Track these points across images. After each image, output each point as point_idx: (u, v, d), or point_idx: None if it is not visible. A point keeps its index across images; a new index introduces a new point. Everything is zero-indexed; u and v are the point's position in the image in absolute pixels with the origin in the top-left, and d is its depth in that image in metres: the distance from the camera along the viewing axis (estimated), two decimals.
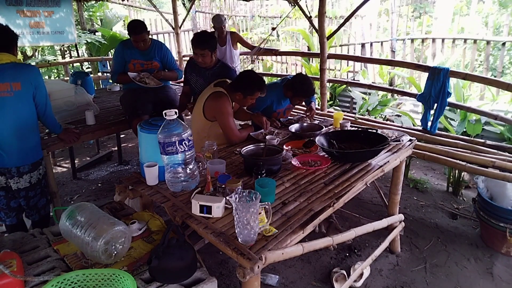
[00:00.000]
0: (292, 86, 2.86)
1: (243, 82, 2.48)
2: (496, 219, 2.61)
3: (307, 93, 2.87)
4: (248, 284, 1.36)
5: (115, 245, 1.38)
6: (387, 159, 2.15)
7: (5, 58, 2.14)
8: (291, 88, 2.86)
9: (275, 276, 2.42)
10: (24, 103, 2.18)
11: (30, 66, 2.30)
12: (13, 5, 4.72)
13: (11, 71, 2.12)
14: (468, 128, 3.79)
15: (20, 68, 2.18)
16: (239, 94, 2.46)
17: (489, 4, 8.59)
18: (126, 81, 3.35)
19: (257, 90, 2.46)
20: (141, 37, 3.18)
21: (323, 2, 3.74)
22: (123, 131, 4.99)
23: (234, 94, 2.48)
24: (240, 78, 2.51)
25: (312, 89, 2.89)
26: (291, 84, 2.87)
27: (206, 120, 2.49)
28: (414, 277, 2.47)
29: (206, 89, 2.59)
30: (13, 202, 2.38)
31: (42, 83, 2.27)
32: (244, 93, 2.45)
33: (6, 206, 2.38)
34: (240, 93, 2.45)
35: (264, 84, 2.51)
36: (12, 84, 2.11)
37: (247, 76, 2.52)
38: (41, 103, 2.27)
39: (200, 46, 2.77)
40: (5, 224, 2.46)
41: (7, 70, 2.11)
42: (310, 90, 2.87)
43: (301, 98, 2.90)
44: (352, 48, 7.17)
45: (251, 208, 1.32)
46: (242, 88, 2.45)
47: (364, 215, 3.08)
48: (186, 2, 6.87)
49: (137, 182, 1.89)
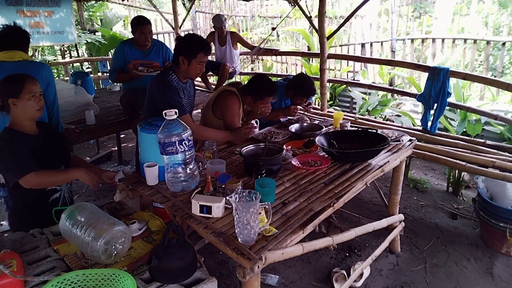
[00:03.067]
0: (293, 85, 2.87)
1: (253, 86, 2.48)
2: (496, 219, 2.61)
3: (307, 92, 2.88)
4: (248, 284, 1.36)
5: (115, 245, 1.38)
6: (387, 159, 2.15)
7: (18, 56, 2.21)
8: (292, 87, 2.88)
9: (275, 276, 2.42)
10: None
11: (42, 64, 2.37)
12: (13, 5, 4.73)
13: (23, 69, 2.14)
14: (468, 128, 3.79)
15: (32, 66, 2.24)
16: (249, 98, 2.48)
17: (489, 4, 8.59)
18: (124, 80, 3.35)
19: (267, 95, 2.45)
20: (147, 27, 3.19)
21: (323, 2, 3.74)
22: (123, 131, 4.98)
23: (245, 97, 2.50)
24: (251, 82, 2.52)
25: (313, 88, 2.90)
26: (292, 84, 2.88)
27: (214, 117, 2.50)
28: (414, 277, 2.47)
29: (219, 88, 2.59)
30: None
31: (53, 80, 2.30)
32: (254, 97, 2.46)
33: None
34: (250, 97, 2.47)
35: (274, 89, 2.47)
36: None
37: (257, 81, 2.51)
38: (50, 100, 2.29)
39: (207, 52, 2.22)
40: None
41: (19, 67, 2.14)
42: (310, 89, 2.88)
43: (302, 97, 2.90)
44: (352, 48, 7.17)
45: (251, 208, 1.32)
46: (251, 92, 2.46)
47: (364, 215, 3.07)
48: (186, 2, 6.87)
49: (137, 182, 1.89)
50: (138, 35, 3.20)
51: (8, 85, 1.73)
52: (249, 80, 2.55)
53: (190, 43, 2.19)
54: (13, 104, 1.72)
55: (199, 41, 2.19)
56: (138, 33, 3.19)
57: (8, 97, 1.71)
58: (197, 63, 2.20)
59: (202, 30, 9.48)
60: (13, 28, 2.34)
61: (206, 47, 2.18)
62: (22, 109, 1.73)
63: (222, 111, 2.45)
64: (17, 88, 1.71)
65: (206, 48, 2.18)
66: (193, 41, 2.19)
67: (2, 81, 1.74)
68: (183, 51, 2.18)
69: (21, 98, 1.72)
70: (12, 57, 2.21)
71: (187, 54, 2.17)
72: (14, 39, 2.28)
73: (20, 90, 1.71)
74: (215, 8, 10.20)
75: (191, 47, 2.17)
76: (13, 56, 2.20)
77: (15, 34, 2.30)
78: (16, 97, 1.71)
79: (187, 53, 2.17)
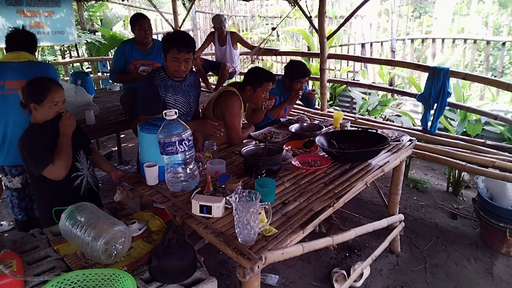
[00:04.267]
0: (287, 72, 2.96)
1: (250, 75, 2.50)
2: (496, 219, 2.61)
3: (302, 73, 2.92)
4: (248, 284, 1.36)
5: (115, 245, 1.38)
6: (387, 159, 2.15)
7: (22, 57, 2.26)
8: (287, 75, 2.95)
9: (275, 276, 2.42)
10: None
11: (46, 64, 2.44)
12: (13, 5, 4.73)
13: (27, 69, 2.21)
14: (468, 128, 3.79)
15: (37, 66, 2.29)
16: (249, 88, 2.47)
17: (489, 4, 8.59)
18: (125, 81, 3.34)
19: (265, 80, 2.46)
20: (145, 22, 3.18)
21: (323, 2, 3.74)
22: (123, 131, 4.99)
23: (244, 91, 2.50)
24: (248, 73, 2.54)
25: (306, 68, 2.96)
26: (285, 72, 2.98)
27: (214, 117, 2.50)
28: (414, 277, 2.47)
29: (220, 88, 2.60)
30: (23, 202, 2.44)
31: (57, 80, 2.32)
32: (253, 86, 2.46)
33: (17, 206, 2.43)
34: (250, 87, 2.47)
35: (272, 75, 2.52)
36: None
37: (253, 70, 2.55)
38: None
39: (187, 49, 2.08)
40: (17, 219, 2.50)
41: (24, 68, 2.21)
42: (304, 69, 2.94)
43: (299, 79, 2.93)
44: (352, 48, 7.17)
45: (251, 208, 1.32)
46: (250, 81, 2.47)
47: (364, 215, 3.08)
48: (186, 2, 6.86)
49: (137, 182, 1.89)
50: (137, 30, 3.19)
51: (32, 90, 1.78)
52: (246, 73, 2.56)
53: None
54: (34, 109, 1.77)
55: (173, 36, 2.11)
56: (137, 28, 3.18)
57: (31, 102, 1.75)
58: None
59: (202, 30, 9.48)
60: (20, 31, 2.42)
61: (178, 43, 2.06)
62: (42, 114, 1.79)
63: (223, 112, 2.44)
64: (40, 96, 1.76)
65: (180, 44, 2.07)
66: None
67: (29, 83, 1.79)
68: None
69: (42, 106, 1.77)
70: (17, 58, 2.26)
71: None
72: (21, 41, 2.35)
73: (43, 98, 1.76)
74: (215, 8, 10.20)
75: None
76: (18, 57, 2.25)
77: (22, 37, 2.38)
78: (38, 103, 1.75)
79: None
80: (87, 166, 2.02)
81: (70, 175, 1.89)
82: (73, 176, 1.91)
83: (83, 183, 1.98)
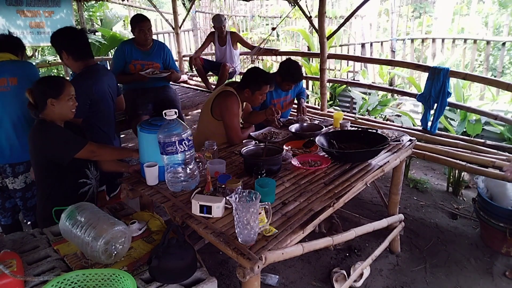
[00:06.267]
0: (280, 70, 2.89)
1: (249, 77, 2.49)
2: (496, 219, 2.61)
3: (293, 76, 2.87)
4: (248, 284, 1.36)
5: (115, 245, 1.38)
6: (387, 159, 2.15)
7: (5, 57, 2.24)
8: (279, 72, 2.89)
9: (275, 276, 2.42)
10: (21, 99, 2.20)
11: (26, 62, 2.41)
12: (13, 5, 4.73)
13: (8, 67, 2.21)
14: (468, 128, 3.79)
15: (17, 64, 2.28)
16: (247, 90, 2.47)
17: (489, 4, 8.59)
18: (125, 81, 3.34)
19: (264, 83, 2.46)
20: (146, 24, 3.17)
21: (323, 2, 3.74)
22: (123, 131, 4.98)
23: (242, 92, 2.49)
24: (246, 75, 2.53)
25: (299, 73, 2.89)
26: (279, 69, 2.91)
27: (213, 118, 2.49)
28: (414, 277, 2.47)
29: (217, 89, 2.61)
30: (8, 203, 2.41)
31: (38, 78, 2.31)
32: (252, 88, 2.46)
33: (1, 206, 2.40)
34: (248, 90, 2.47)
35: (270, 77, 2.51)
36: (9, 79, 2.18)
37: (252, 72, 2.54)
38: None
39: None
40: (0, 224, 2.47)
41: (4, 65, 2.20)
42: (297, 74, 2.87)
43: (289, 83, 2.90)
44: (352, 48, 7.17)
45: (251, 208, 1.32)
46: (248, 84, 2.46)
47: (364, 215, 3.07)
48: (186, 2, 6.88)
49: (137, 182, 1.89)
50: (137, 32, 3.19)
51: (47, 86, 1.78)
52: (244, 74, 2.55)
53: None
54: (52, 104, 1.76)
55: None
56: (137, 30, 3.18)
57: (47, 97, 1.74)
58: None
59: (202, 30, 9.48)
60: (5, 35, 2.47)
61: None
62: (60, 108, 1.78)
63: (221, 112, 2.44)
64: (58, 89, 1.76)
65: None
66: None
67: (38, 83, 1.79)
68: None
69: (60, 99, 1.77)
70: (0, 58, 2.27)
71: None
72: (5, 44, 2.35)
73: (61, 91, 1.77)
74: (215, 8, 10.21)
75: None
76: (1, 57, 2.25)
77: (7, 41, 2.38)
78: (56, 97, 1.75)
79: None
80: (96, 174, 2.03)
81: (78, 180, 1.90)
82: (81, 181, 1.91)
83: (89, 192, 1.98)
